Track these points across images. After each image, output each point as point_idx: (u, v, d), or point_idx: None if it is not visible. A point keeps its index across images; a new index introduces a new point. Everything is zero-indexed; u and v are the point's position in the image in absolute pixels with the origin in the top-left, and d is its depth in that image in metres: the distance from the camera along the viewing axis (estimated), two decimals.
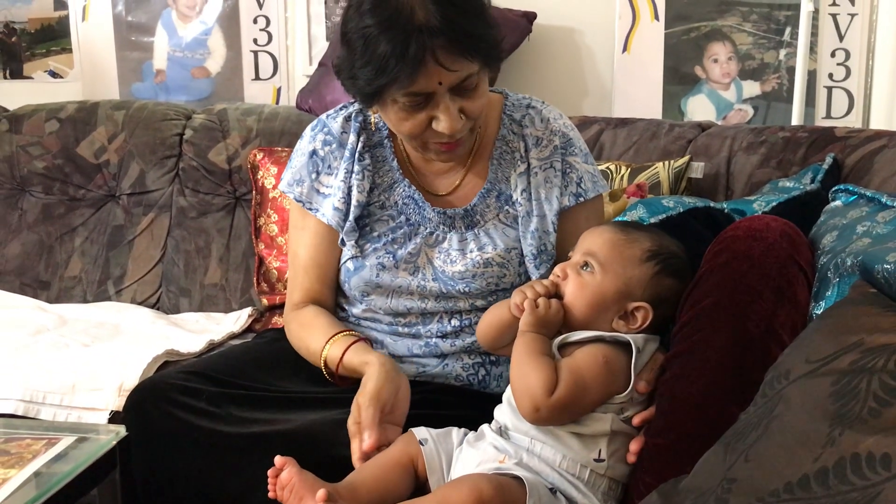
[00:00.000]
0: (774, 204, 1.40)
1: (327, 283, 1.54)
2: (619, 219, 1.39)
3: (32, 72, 2.86)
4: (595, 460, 1.22)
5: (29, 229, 2.50)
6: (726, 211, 1.31)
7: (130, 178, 2.47)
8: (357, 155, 1.50)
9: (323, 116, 1.57)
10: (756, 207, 1.40)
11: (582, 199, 1.49)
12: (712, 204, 1.33)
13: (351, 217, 1.48)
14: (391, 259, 1.46)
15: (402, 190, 1.50)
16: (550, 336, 1.27)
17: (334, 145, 1.52)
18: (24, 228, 2.50)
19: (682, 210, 1.29)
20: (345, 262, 1.50)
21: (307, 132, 1.57)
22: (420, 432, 1.30)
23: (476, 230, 1.48)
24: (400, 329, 1.49)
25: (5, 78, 2.89)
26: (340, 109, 1.56)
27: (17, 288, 2.44)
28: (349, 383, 1.40)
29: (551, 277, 1.32)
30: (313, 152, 1.53)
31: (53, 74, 2.85)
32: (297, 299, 1.55)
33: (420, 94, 1.32)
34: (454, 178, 1.51)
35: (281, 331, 1.72)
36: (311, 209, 1.52)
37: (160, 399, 1.34)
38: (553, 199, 1.47)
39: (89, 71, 2.82)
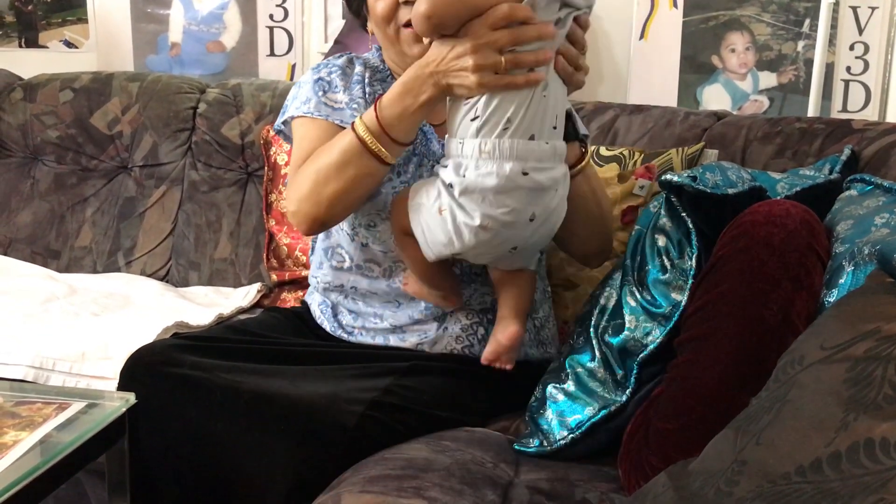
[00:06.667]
0: (798, 189, 1.40)
1: None
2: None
3: (47, 41, 2.85)
4: (470, 119, 1.27)
5: (41, 198, 2.50)
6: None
7: (143, 151, 2.47)
8: (367, 81, 1.52)
9: (323, 60, 1.59)
10: (780, 190, 1.40)
11: None
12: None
13: None
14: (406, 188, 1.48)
15: None
16: None
17: (338, 72, 1.53)
18: (36, 197, 2.50)
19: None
20: None
21: (308, 72, 1.56)
22: None
23: None
24: (398, 299, 1.51)
25: (20, 46, 2.88)
26: (340, 56, 1.58)
27: (28, 256, 2.45)
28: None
29: None
30: (318, 79, 1.53)
31: (68, 44, 2.84)
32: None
33: None
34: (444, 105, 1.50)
35: (288, 311, 1.73)
36: (320, 115, 1.48)
37: (161, 362, 1.37)
38: None
39: (104, 42, 2.81)
